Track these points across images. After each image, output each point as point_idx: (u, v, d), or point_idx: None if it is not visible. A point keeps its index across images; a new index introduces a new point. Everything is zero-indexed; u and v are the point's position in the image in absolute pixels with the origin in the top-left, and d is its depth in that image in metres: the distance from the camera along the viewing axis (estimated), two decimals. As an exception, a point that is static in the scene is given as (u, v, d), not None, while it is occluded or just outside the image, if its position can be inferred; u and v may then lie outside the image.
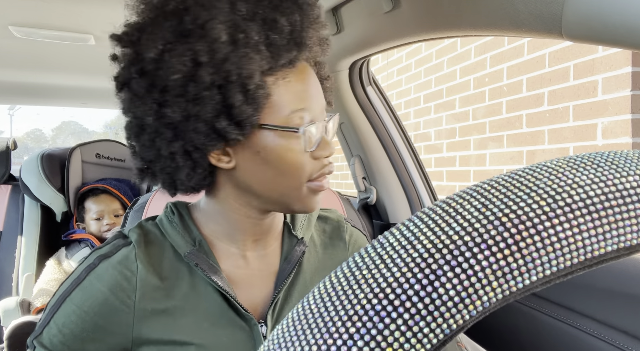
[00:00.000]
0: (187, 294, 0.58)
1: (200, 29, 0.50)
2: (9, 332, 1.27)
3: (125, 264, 0.56)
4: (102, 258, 0.57)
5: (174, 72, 0.50)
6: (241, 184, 0.58)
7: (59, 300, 0.56)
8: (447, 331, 0.17)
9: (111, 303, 0.55)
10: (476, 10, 0.71)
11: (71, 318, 0.55)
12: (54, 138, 37.27)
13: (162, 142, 0.53)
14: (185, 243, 0.59)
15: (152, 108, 0.52)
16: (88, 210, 1.81)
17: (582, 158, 0.21)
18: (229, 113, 0.52)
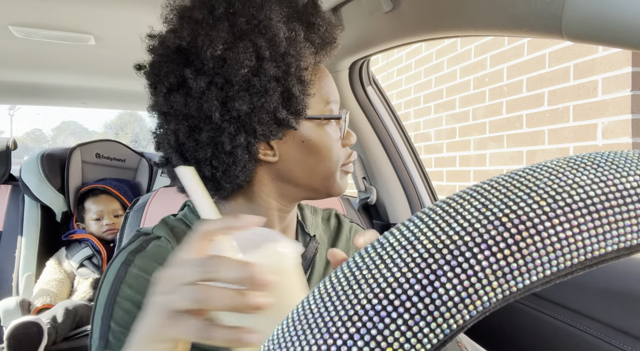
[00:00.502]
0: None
1: (256, 27, 0.55)
2: (8, 332, 1.27)
3: (164, 256, 0.57)
4: (135, 253, 0.57)
5: (241, 67, 0.54)
6: (281, 176, 0.61)
7: (108, 303, 0.54)
8: (447, 331, 0.17)
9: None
10: (476, 10, 0.71)
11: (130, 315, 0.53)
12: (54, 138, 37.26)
13: (225, 137, 0.56)
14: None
15: (215, 104, 0.55)
16: (88, 210, 1.81)
17: (582, 158, 0.21)
18: (288, 104, 0.57)
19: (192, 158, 0.58)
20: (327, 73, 0.64)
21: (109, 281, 0.56)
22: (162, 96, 0.57)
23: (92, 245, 1.72)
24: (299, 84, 0.57)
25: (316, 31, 0.59)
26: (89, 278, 1.67)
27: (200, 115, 0.56)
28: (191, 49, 0.56)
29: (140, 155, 2.08)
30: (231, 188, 0.60)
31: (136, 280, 0.55)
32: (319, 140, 0.60)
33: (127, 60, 1.55)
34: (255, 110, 0.55)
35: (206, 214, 0.42)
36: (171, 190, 1.01)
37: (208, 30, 0.55)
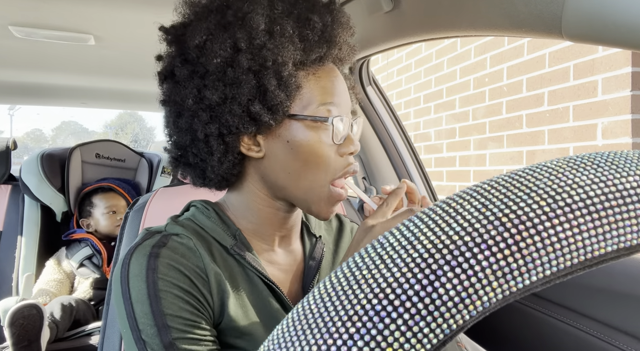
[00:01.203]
0: (242, 287, 0.59)
1: (241, 19, 0.56)
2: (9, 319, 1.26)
3: (190, 250, 0.56)
4: (159, 247, 0.55)
5: (215, 57, 0.55)
6: (268, 175, 0.60)
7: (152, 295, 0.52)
8: (447, 331, 0.17)
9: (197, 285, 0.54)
10: (476, 10, 0.71)
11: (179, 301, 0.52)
12: (54, 138, 37.28)
13: (199, 124, 0.57)
14: (227, 236, 0.61)
15: (192, 92, 0.56)
16: (96, 205, 1.80)
17: (582, 158, 0.21)
18: (263, 98, 0.56)
19: (178, 145, 0.60)
20: (334, 74, 0.61)
21: (139, 275, 0.53)
22: (160, 83, 0.61)
23: (92, 245, 1.72)
24: (275, 78, 0.55)
25: (311, 28, 0.57)
26: (89, 278, 1.67)
27: (181, 102, 0.57)
28: (182, 39, 0.58)
29: (140, 155, 2.08)
30: (217, 179, 0.60)
31: (169, 270, 0.53)
32: (306, 142, 0.57)
33: (127, 60, 1.55)
34: (227, 100, 0.55)
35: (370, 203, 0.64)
36: (171, 190, 1.01)
37: (198, 22, 0.57)
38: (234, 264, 0.60)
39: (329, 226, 0.77)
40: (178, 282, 0.53)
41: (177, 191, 1.00)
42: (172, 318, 0.51)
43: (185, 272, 0.54)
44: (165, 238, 0.57)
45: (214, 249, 0.59)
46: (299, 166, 0.58)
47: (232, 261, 0.60)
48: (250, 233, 0.63)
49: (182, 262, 0.55)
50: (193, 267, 0.55)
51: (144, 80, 1.82)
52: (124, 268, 0.55)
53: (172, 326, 0.51)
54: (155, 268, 0.53)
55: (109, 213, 1.78)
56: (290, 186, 0.59)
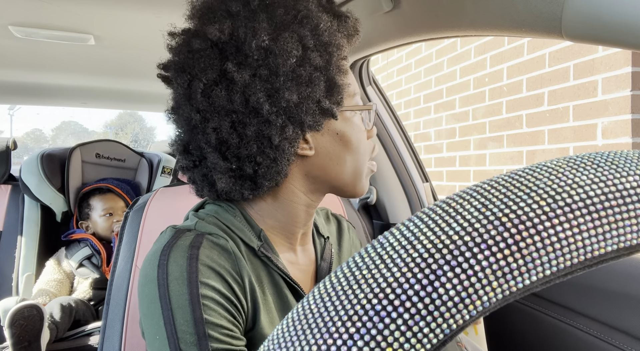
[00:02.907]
0: (268, 290, 0.58)
1: (297, 18, 0.55)
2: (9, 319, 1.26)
3: (226, 251, 0.55)
4: (196, 248, 0.54)
5: (289, 57, 0.53)
6: (314, 170, 0.60)
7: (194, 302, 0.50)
8: (447, 331, 0.17)
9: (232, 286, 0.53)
10: (476, 10, 0.71)
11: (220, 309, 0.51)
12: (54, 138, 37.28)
13: (274, 129, 0.54)
14: (252, 237, 0.59)
15: (262, 97, 0.53)
16: (94, 207, 1.80)
17: (582, 158, 0.21)
18: (331, 93, 0.57)
19: (233, 156, 0.55)
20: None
21: (180, 278, 0.51)
22: (200, 92, 0.54)
23: (92, 245, 1.72)
24: (339, 73, 0.57)
25: (344, 23, 0.60)
26: (89, 278, 1.67)
27: (245, 110, 0.53)
28: (231, 42, 0.54)
29: (140, 155, 2.08)
30: (269, 185, 0.57)
31: (211, 273, 0.52)
32: (352, 132, 0.60)
33: (127, 60, 1.55)
34: (303, 100, 0.55)
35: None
36: (171, 190, 1.01)
37: (247, 22, 0.54)
38: (260, 266, 0.59)
39: (329, 226, 0.77)
40: (219, 287, 0.52)
41: (177, 191, 1.00)
42: (213, 326, 0.49)
43: (225, 276, 0.53)
44: (200, 237, 0.55)
45: (242, 250, 0.58)
46: (347, 154, 0.60)
47: (258, 263, 0.59)
48: (274, 231, 0.62)
49: (221, 263, 0.53)
50: (230, 270, 0.54)
51: (144, 80, 1.82)
52: (161, 270, 0.52)
53: (213, 335, 0.49)
54: (197, 272, 0.51)
55: (106, 216, 1.78)
56: (338, 174, 0.61)
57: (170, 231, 0.58)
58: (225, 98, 0.54)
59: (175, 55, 0.57)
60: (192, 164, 0.59)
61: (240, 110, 0.54)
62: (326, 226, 0.75)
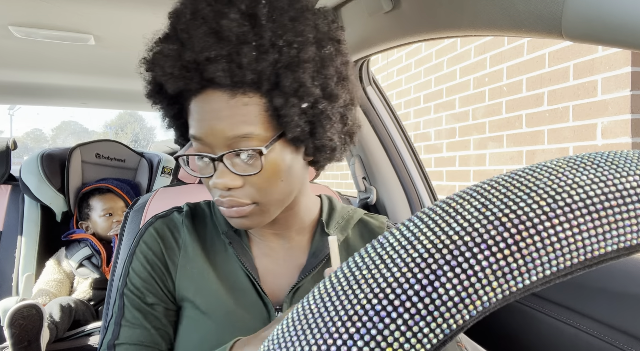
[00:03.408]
0: (220, 267, 0.66)
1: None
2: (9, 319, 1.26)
3: (175, 227, 0.68)
4: (157, 217, 0.69)
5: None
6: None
7: (130, 252, 0.67)
8: (447, 331, 0.17)
9: (165, 254, 0.65)
10: (476, 10, 0.71)
11: (141, 265, 0.65)
12: (54, 138, 37.28)
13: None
14: (226, 223, 0.68)
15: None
16: (94, 207, 1.80)
17: (582, 158, 0.21)
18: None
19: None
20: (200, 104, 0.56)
21: (135, 237, 0.69)
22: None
23: (92, 245, 1.72)
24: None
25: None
26: (89, 278, 1.67)
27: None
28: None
29: (140, 155, 2.08)
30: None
31: (149, 237, 0.66)
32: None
33: (127, 60, 1.55)
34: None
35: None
36: (171, 190, 1.01)
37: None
38: (220, 248, 0.67)
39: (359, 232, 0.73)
40: (149, 249, 0.65)
41: (177, 191, 1.00)
42: (131, 278, 0.65)
43: (160, 242, 0.66)
44: (170, 211, 0.70)
45: (209, 231, 0.69)
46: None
47: (221, 245, 0.67)
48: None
49: (164, 233, 0.67)
50: (170, 239, 0.67)
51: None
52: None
53: (128, 284, 0.65)
54: (142, 235, 0.67)
55: (106, 216, 1.78)
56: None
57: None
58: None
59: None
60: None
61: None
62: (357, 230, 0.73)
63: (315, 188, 1.11)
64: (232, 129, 0.54)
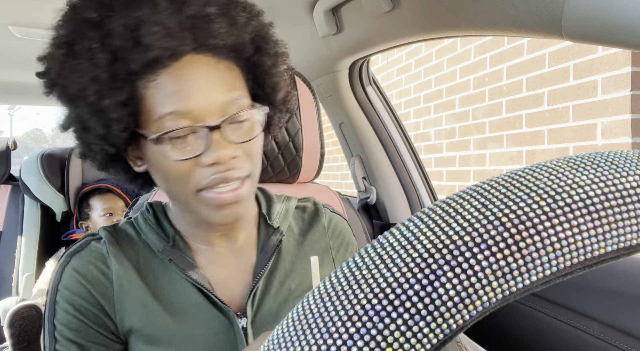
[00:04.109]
0: (163, 290, 0.59)
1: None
2: (9, 320, 1.26)
3: (100, 259, 0.58)
4: (73, 254, 0.59)
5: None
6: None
7: (51, 303, 0.57)
8: (447, 331, 0.17)
9: (94, 294, 0.56)
10: (476, 10, 0.71)
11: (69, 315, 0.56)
12: (54, 138, 37.22)
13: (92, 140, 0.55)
14: (159, 240, 0.60)
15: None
16: (94, 207, 1.80)
17: (582, 158, 0.21)
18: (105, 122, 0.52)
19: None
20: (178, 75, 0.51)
21: (52, 281, 0.58)
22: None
23: (92, 245, 1.72)
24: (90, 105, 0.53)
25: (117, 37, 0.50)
26: (89, 278, 1.67)
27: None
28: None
29: (140, 155, 2.08)
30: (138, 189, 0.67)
31: (70, 281, 0.57)
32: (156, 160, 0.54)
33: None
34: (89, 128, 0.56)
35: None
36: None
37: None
38: (160, 267, 0.60)
39: (299, 216, 0.71)
40: (71, 296, 0.56)
41: (177, 191, 1.00)
42: (59, 331, 0.56)
43: (84, 282, 0.56)
44: (86, 243, 0.60)
45: (141, 253, 0.60)
46: (162, 182, 0.56)
47: (158, 264, 0.60)
48: (188, 234, 0.62)
49: (86, 269, 0.57)
50: (96, 274, 0.57)
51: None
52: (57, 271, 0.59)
53: (58, 338, 0.56)
54: (60, 279, 0.57)
55: (106, 216, 1.78)
56: (172, 199, 0.61)
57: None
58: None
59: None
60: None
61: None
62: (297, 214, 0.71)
63: (315, 188, 1.10)
64: (225, 94, 0.51)
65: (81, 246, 0.59)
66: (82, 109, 0.52)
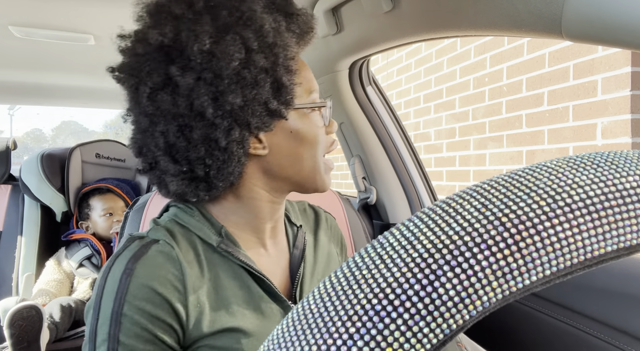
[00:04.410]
0: (228, 283, 0.59)
1: (242, 19, 0.55)
2: (8, 320, 1.25)
3: (171, 262, 0.55)
4: (135, 260, 0.54)
5: (232, 60, 0.53)
6: (272, 168, 0.61)
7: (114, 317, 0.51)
8: (447, 331, 0.17)
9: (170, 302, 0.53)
10: (476, 10, 0.71)
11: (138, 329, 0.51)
12: (54, 138, 37.23)
13: (220, 132, 0.54)
14: (212, 234, 0.60)
15: (206, 100, 0.53)
16: (94, 207, 1.80)
17: (582, 158, 0.21)
18: (279, 94, 0.57)
19: (183, 158, 0.56)
20: (304, 63, 0.64)
21: (111, 293, 0.52)
22: (146, 97, 0.54)
23: (92, 245, 1.72)
24: (287, 73, 0.57)
25: (295, 21, 0.60)
26: (89, 278, 1.67)
27: (190, 113, 0.53)
28: (175, 45, 0.53)
29: (140, 155, 2.08)
30: (224, 186, 0.58)
31: (141, 291, 0.52)
32: (307, 129, 0.60)
33: (127, 60, 1.55)
34: (248, 102, 0.54)
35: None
36: (171, 190, 1.01)
37: (190, 25, 0.53)
38: (220, 262, 0.59)
39: (305, 216, 0.78)
40: (145, 306, 0.52)
41: (177, 191, 1.00)
42: (124, 346, 0.51)
43: (158, 289, 0.52)
44: (144, 247, 0.55)
45: (199, 250, 0.59)
46: (303, 151, 0.61)
47: (218, 259, 0.59)
48: (239, 227, 0.63)
49: (157, 274, 0.53)
50: (170, 278, 0.54)
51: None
52: (102, 280, 0.54)
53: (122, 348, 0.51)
54: (126, 290, 0.52)
55: (106, 216, 1.78)
56: (295, 171, 0.62)
57: (124, 239, 0.59)
58: (170, 102, 0.53)
59: (125, 58, 0.58)
60: (148, 166, 0.60)
61: (185, 114, 0.54)
62: (300, 216, 0.77)
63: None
64: None
65: (142, 251, 0.55)
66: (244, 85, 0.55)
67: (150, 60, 0.54)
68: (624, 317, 0.72)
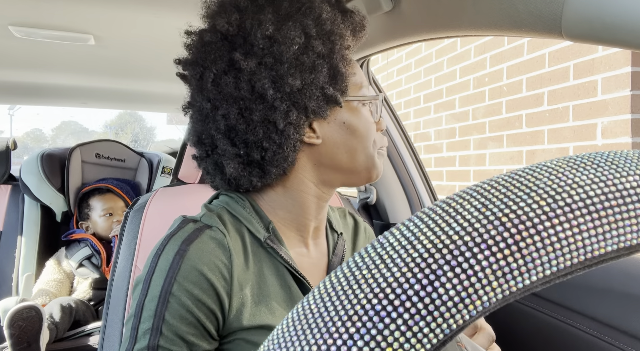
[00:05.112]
0: (270, 280, 0.60)
1: (301, 9, 0.58)
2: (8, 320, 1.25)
3: (221, 249, 0.56)
4: (189, 242, 0.55)
5: (292, 44, 0.56)
6: (323, 160, 0.62)
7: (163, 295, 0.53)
8: (447, 331, 0.17)
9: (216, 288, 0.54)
10: (476, 10, 0.71)
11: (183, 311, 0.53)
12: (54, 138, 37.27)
13: (279, 114, 0.57)
14: (260, 228, 0.61)
15: (267, 83, 0.56)
16: (94, 207, 1.80)
17: (582, 158, 0.21)
18: (334, 81, 0.59)
19: (241, 141, 0.58)
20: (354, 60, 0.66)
21: (162, 271, 0.54)
22: (211, 82, 0.58)
23: (92, 245, 1.72)
24: (342, 61, 0.60)
25: (349, 18, 0.63)
26: (89, 278, 1.67)
27: (251, 96, 0.57)
28: (239, 33, 0.57)
29: (140, 155, 2.08)
30: (277, 173, 0.60)
31: (192, 273, 0.53)
32: (359, 122, 0.62)
33: (127, 60, 1.55)
34: (306, 86, 0.57)
35: None
36: (171, 190, 1.01)
37: (254, 14, 0.57)
38: (264, 257, 0.60)
39: (345, 224, 0.78)
40: (193, 289, 0.53)
41: (177, 191, 1.00)
42: (169, 325, 0.52)
43: (207, 274, 0.53)
44: (198, 230, 0.57)
45: (247, 242, 0.60)
46: (355, 142, 0.62)
47: (263, 254, 0.61)
48: (285, 224, 0.64)
49: (208, 260, 0.54)
50: (219, 265, 0.55)
51: (144, 80, 1.82)
52: (155, 257, 0.56)
53: (165, 333, 0.52)
54: (177, 270, 0.53)
55: (106, 216, 1.78)
56: (347, 164, 0.63)
57: (177, 220, 0.61)
58: (233, 86, 0.57)
59: (190, 51, 0.61)
60: (205, 153, 0.63)
61: (247, 97, 0.57)
62: (341, 223, 0.77)
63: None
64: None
65: (195, 234, 0.56)
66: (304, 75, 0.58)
67: (216, 49, 0.58)
68: (624, 317, 0.72)
